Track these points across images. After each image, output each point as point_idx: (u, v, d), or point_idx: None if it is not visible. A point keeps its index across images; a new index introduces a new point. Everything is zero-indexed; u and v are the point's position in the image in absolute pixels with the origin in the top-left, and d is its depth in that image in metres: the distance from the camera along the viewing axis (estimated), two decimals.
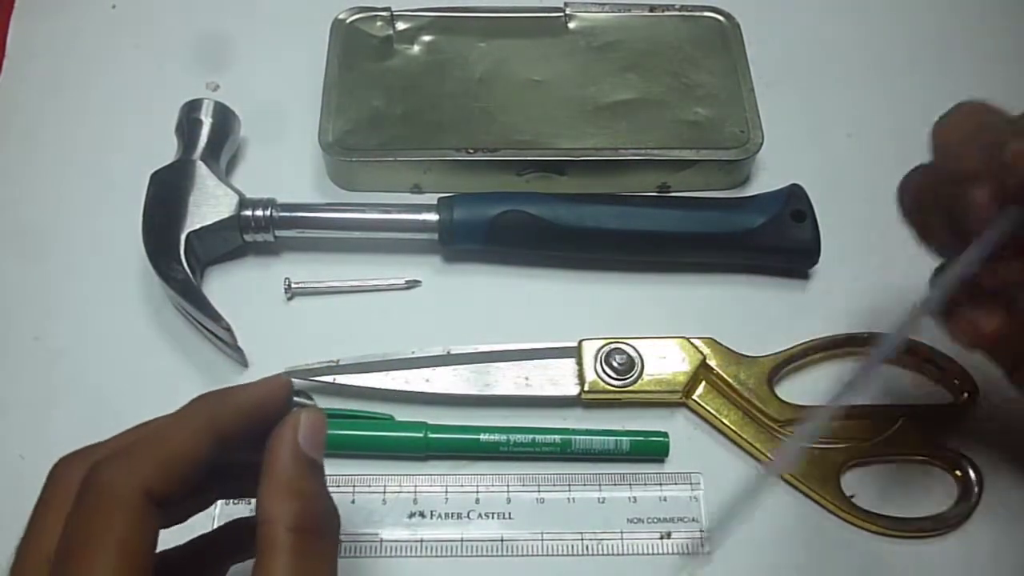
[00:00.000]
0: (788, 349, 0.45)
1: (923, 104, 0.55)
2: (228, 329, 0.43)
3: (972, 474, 0.41)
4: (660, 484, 0.42)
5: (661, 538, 0.41)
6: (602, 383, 0.43)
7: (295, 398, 0.34)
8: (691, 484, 0.42)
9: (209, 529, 0.34)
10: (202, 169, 0.47)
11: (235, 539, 0.33)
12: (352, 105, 0.51)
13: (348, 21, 0.54)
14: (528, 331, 0.45)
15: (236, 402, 0.29)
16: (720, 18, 0.55)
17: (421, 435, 0.42)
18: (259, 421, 0.29)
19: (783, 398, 0.43)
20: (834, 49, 0.58)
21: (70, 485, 0.26)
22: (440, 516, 0.41)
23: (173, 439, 0.27)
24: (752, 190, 0.51)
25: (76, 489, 0.26)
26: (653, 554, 0.40)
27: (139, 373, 0.45)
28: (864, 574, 0.40)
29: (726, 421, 0.43)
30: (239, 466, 0.29)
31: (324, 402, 0.44)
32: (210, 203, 0.46)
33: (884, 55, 0.58)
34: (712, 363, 0.44)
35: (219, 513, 0.39)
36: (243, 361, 0.45)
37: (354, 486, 0.41)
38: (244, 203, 0.46)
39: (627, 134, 0.51)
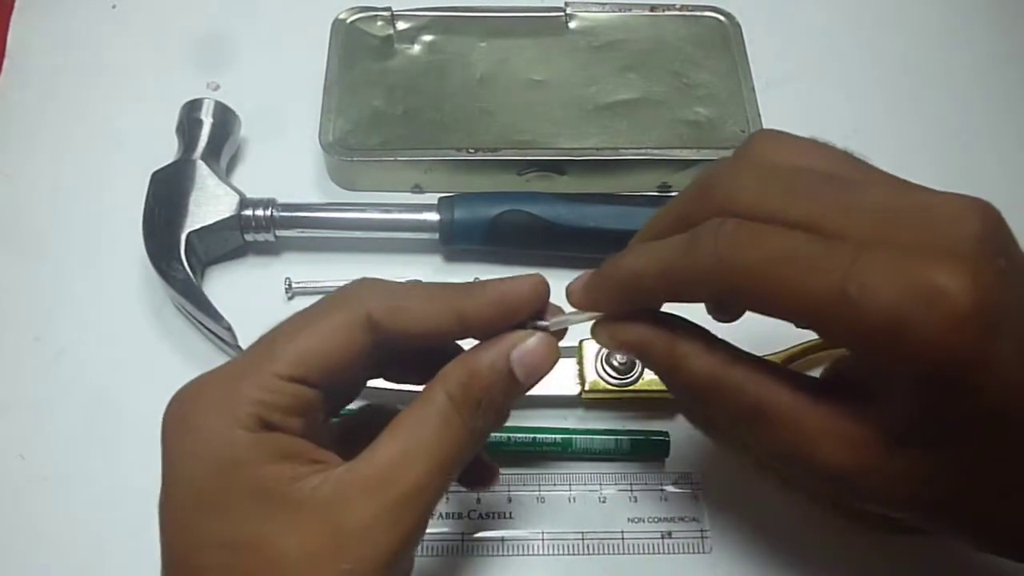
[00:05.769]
0: (788, 349, 0.44)
1: (923, 104, 0.57)
2: (229, 329, 0.43)
3: None
4: (660, 484, 0.42)
5: (661, 538, 0.41)
6: (603, 383, 0.43)
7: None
8: (691, 484, 0.42)
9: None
10: (203, 169, 0.47)
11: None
12: (352, 105, 0.51)
13: (348, 21, 0.54)
14: None
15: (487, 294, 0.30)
16: (720, 18, 0.55)
17: None
18: (504, 315, 0.30)
19: None
20: (834, 49, 0.58)
21: None
22: (441, 515, 0.41)
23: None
24: None
25: None
26: (653, 554, 0.40)
27: (139, 373, 0.45)
28: (864, 574, 0.40)
29: None
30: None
31: None
32: (211, 203, 0.46)
33: (884, 55, 0.58)
34: None
35: None
36: None
37: None
38: (244, 203, 0.47)
39: (627, 134, 0.51)
